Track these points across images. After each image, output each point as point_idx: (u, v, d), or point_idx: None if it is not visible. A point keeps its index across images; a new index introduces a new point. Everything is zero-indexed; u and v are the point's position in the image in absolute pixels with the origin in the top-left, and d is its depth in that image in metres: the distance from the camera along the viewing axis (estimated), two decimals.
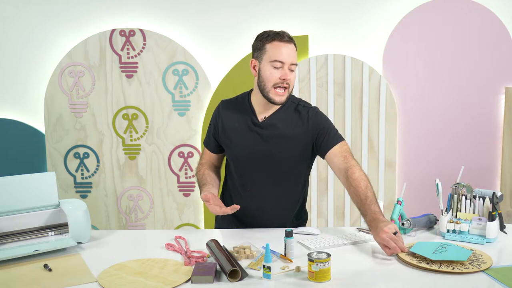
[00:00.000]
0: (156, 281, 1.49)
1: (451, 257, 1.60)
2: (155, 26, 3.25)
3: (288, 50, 1.85)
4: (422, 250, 1.65)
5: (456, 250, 1.66)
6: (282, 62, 1.84)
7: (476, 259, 1.62)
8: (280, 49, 1.84)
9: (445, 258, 1.59)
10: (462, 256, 1.60)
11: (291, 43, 1.87)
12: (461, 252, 1.64)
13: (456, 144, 3.30)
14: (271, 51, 1.85)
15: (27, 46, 3.28)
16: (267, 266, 1.49)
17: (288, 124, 1.93)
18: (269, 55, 1.85)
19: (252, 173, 1.98)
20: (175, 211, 3.34)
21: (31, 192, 1.88)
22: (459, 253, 1.63)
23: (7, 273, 1.59)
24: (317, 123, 1.93)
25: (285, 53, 1.84)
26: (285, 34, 1.87)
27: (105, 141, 3.30)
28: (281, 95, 1.87)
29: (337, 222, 3.35)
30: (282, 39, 1.85)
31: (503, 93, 3.24)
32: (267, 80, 1.86)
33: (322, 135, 1.92)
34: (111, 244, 1.85)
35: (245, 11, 3.23)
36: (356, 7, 3.23)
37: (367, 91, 3.23)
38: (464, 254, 1.62)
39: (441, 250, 1.66)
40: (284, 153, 1.94)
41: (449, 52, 3.22)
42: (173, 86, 3.26)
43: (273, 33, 1.87)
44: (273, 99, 1.88)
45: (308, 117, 1.94)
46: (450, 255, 1.62)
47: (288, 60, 1.84)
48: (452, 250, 1.66)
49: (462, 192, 1.89)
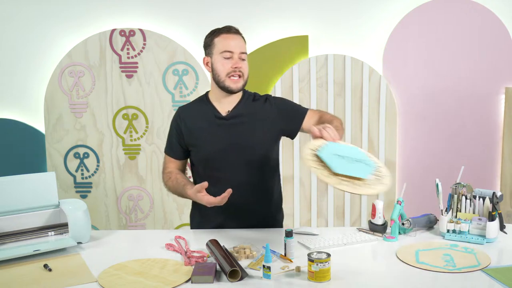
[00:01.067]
0: (156, 281, 1.49)
1: (353, 172, 1.57)
2: (155, 26, 3.25)
3: (236, 41, 1.92)
4: (330, 156, 1.62)
5: (363, 166, 1.63)
6: (231, 51, 1.91)
7: (379, 178, 1.60)
8: (228, 40, 1.91)
9: (346, 172, 1.56)
10: (362, 173, 1.59)
11: (238, 34, 1.95)
12: (365, 169, 1.62)
13: (456, 144, 3.30)
14: (219, 43, 1.92)
15: (27, 46, 3.28)
16: (267, 266, 1.49)
17: (253, 113, 1.97)
18: (218, 48, 1.92)
19: (225, 168, 1.97)
20: (175, 211, 3.34)
21: (31, 192, 1.88)
22: (362, 169, 1.61)
23: (7, 273, 1.59)
24: (279, 104, 2.03)
25: (233, 43, 1.91)
26: (232, 27, 1.96)
27: (105, 141, 3.30)
28: (236, 81, 1.93)
29: (337, 222, 3.35)
30: (229, 31, 1.93)
31: (503, 93, 3.24)
32: (220, 71, 1.92)
33: (285, 113, 2.00)
34: (111, 244, 1.85)
35: (245, 11, 3.23)
36: (356, 7, 3.23)
37: (367, 91, 3.24)
38: (366, 171, 1.60)
39: (348, 159, 1.63)
40: (256, 141, 1.96)
41: (449, 52, 3.22)
42: (173, 86, 3.26)
43: (218, 28, 1.96)
44: (229, 87, 1.93)
45: (270, 102, 2.03)
46: (353, 169, 1.59)
47: (237, 50, 1.91)
48: (359, 165, 1.63)
49: (462, 192, 1.89)
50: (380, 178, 1.63)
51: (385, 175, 1.65)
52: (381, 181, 1.61)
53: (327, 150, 1.65)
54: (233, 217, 1.99)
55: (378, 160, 1.75)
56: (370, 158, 1.71)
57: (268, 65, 3.23)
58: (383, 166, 1.70)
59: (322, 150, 1.65)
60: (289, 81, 3.24)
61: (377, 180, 1.61)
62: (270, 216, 2.09)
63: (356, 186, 1.56)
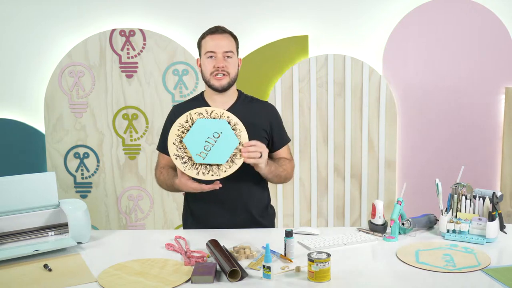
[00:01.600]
0: (156, 281, 1.49)
1: (211, 159, 1.81)
2: (155, 26, 3.25)
3: (220, 41, 1.97)
4: (193, 141, 1.82)
5: (223, 148, 1.82)
6: (213, 51, 1.96)
7: (235, 157, 1.82)
8: (212, 41, 1.98)
9: (205, 161, 1.81)
10: (221, 159, 1.81)
11: (224, 33, 2.00)
12: (224, 151, 1.82)
13: (456, 144, 3.30)
14: (204, 45, 2.00)
15: (27, 46, 3.28)
16: (267, 266, 1.49)
17: (249, 114, 1.99)
18: (204, 48, 2.00)
19: None
20: (175, 211, 3.34)
21: (31, 192, 1.88)
22: (221, 153, 1.82)
23: (7, 273, 1.59)
24: (275, 116, 2.11)
25: (216, 44, 1.97)
26: (219, 27, 2.01)
27: (105, 141, 3.30)
28: (219, 79, 1.98)
29: (337, 222, 3.35)
30: (214, 33, 1.99)
31: (503, 93, 3.24)
32: (205, 71, 2.00)
33: (276, 130, 2.08)
34: (111, 244, 1.85)
35: (245, 11, 3.23)
36: (356, 7, 3.23)
37: (367, 91, 3.24)
38: (224, 155, 1.82)
39: (210, 146, 1.82)
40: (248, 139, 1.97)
41: (449, 52, 3.22)
42: (173, 86, 3.26)
43: (207, 30, 2.02)
44: (214, 85, 1.99)
45: (267, 109, 2.10)
46: (212, 156, 1.81)
47: (220, 49, 1.96)
48: (219, 147, 1.82)
49: (462, 192, 1.89)
50: (235, 155, 1.85)
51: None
52: (234, 161, 1.84)
53: (193, 131, 1.84)
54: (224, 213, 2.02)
55: (238, 123, 1.89)
56: (235, 131, 1.87)
57: (268, 65, 3.23)
58: (242, 130, 1.88)
59: (188, 134, 1.84)
60: (289, 81, 3.24)
61: (231, 161, 1.84)
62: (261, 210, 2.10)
63: (215, 171, 1.84)
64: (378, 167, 3.30)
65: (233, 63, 1.99)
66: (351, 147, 3.29)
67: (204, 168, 1.84)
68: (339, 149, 3.30)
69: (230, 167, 1.84)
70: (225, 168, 1.84)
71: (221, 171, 1.84)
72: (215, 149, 1.83)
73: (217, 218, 2.03)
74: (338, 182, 3.33)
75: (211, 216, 2.04)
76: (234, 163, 1.84)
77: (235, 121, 1.88)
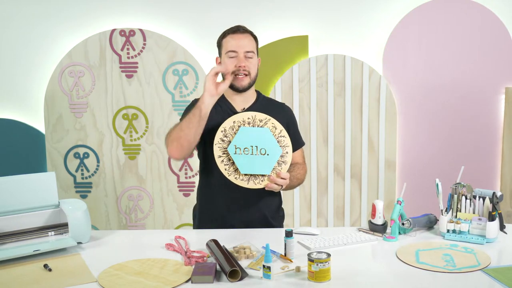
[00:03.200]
0: (156, 281, 1.49)
1: (257, 170, 1.86)
2: (155, 26, 3.25)
3: (241, 40, 1.98)
4: (238, 150, 1.87)
5: (266, 159, 1.87)
6: (235, 51, 1.97)
7: (283, 161, 1.89)
8: (233, 41, 1.98)
9: (251, 172, 1.86)
10: (265, 169, 1.87)
11: (245, 33, 2.01)
12: (268, 162, 1.87)
13: (456, 144, 3.30)
14: (225, 44, 2.00)
15: (27, 46, 3.28)
16: (267, 266, 1.49)
17: (266, 113, 1.99)
18: (225, 48, 2.00)
19: None
20: (175, 211, 3.34)
21: (31, 192, 1.88)
22: (265, 163, 1.87)
23: (7, 273, 1.59)
24: (291, 118, 2.14)
25: (237, 43, 1.97)
26: (240, 27, 2.02)
27: (105, 141, 3.30)
28: (241, 79, 1.99)
29: (337, 222, 3.35)
30: (235, 32, 2.00)
31: (503, 93, 3.24)
32: (226, 70, 1.98)
33: (292, 133, 2.06)
34: (111, 244, 1.85)
35: (245, 11, 3.23)
36: (356, 7, 3.23)
37: (367, 91, 3.24)
38: (268, 165, 1.87)
39: (254, 154, 1.87)
40: None
41: (449, 52, 3.22)
42: (173, 86, 3.26)
43: (228, 29, 2.03)
44: (235, 85, 2.00)
45: (284, 110, 2.14)
46: (256, 166, 1.87)
47: (241, 49, 1.97)
48: (262, 159, 1.87)
49: (462, 192, 1.89)
50: (282, 163, 1.92)
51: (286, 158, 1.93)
52: (276, 169, 1.91)
53: (237, 141, 1.88)
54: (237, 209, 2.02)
55: (283, 133, 1.95)
56: (278, 142, 1.92)
57: (268, 65, 3.23)
58: (288, 143, 1.94)
59: (232, 145, 1.88)
60: (289, 81, 3.24)
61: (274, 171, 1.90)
62: (273, 211, 2.10)
63: (260, 181, 1.89)
64: (378, 167, 3.30)
65: (253, 63, 2.01)
66: (351, 147, 3.29)
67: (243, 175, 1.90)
68: (339, 149, 3.30)
69: (255, 185, 1.89)
70: (259, 181, 1.90)
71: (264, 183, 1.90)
72: (259, 160, 1.88)
73: (230, 216, 2.02)
74: (338, 182, 3.33)
75: (224, 213, 2.03)
76: (260, 184, 1.90)
77: (280, 129, 1.94)
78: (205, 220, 2.10)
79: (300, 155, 2.14)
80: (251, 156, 1.87)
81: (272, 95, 3.23)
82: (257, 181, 1.89)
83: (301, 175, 2.09)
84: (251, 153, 1.88)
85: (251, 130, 1.90)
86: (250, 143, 1.88)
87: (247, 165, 1.87)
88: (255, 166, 1.87)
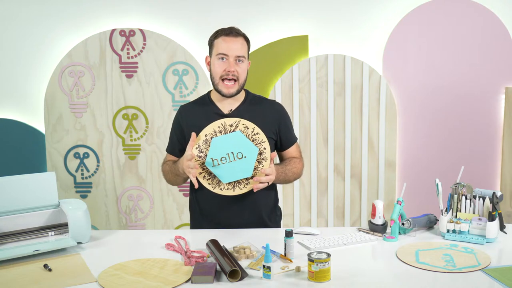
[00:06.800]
0: (156, 281, 1.49)
1: (238, 175, 1.85)
2: (155, 26, 3.25)
3: (233, 44, 1.94)
4: (215, 164, 1.86)
5: (245, 161, 1.86)
6: (226, 54, 1.93)
7: (263, 158, 1.87)
8: (225, 43, 1.94)
9: (233, 179, 1.86)
10: (246, 172, 1.85)
11: (238, 37, 1.96)
12: (247, 164, 1.86)
13: (456, 144, 3.30)
14: (217, 45, 1.96)
15: (27, 46, 3.28)
16: (267, 266, 1.49)
17: (256, 114, 1.98)
18: (216, 49, 1.96)
19: None
20: (175, 211, 3.34)
21: (31, 192, 1.88)
22: (245, 166, 1.86)
23: (7, 273, 1.59)
24: (283, 115, 2.08)
25: (229, 47, 1.93)
26: (233, 29, 1.97)
27: (105, 141, 3.30)
28: (229, 87, 1.95)
29: (337, 222, 3.35)
30: (228, 34, 1.95)
31: (503, 93, 3.24)
32: (215, 73, 1.96)
33: (283, 130, 2.06)
34: (111, 244, 1.85)
35: (245, 11, 3.23)
36: (356, 7, 3.23)
37: (367, 91, 3.24)
38: (248, 168, 1.85)
39: (232, 160, 1.86)
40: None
41: (449, 52, 3.22)
42: (173, 86, 3.26)
43: (221, 29, 1.98)
44: (222, 91, 1.97)
45: (275, 107, 2.08)
46: (237, 172, 1.85)
47: (232, 53, 1.93)
48: (241, 163, 1.86)
49: (462, 192, 1.89)
50: (262, 160, 1.90)
51: (265, 154, 1.90)
52: (259, 168, 1.89)
53: (212, 153, 1.87)
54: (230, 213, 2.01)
55: (257, 131, 1.92)
56: (253, 141, 1.90)
57: (268, 65, 3.23)
58: (263, 140, 1.91)
59: (208, 159, 1.87)
60: (289, 81, 3.24)
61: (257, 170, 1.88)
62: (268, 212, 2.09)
63: (245, 185, 1.89)
64: (378, 167, 3.30)
65: (243, 67, 1.97)
66: (351, 147, 3.30)
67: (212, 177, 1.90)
68: (339, 149, 3.30)
69: (241, 190, 1.90)
70: (244, 185, 1.91)
71: (228, 190, 1.91)
72: (238, 165, 1.87)
73: (226, 216, 2.01)
74: (338, 182, 3.33)
75: (220, 214, 2.02)
76: (245, 187, 1.90)
77: (252, 127, 1.91)
78: (199, 223, 2.09)
79: (295, 150, 2.11)
80: (230, 164, 1.86)
81: (272, 95, 3.23)
82: (242, 186, 1.89)
83: (297, 169, 2.06)
84: (229, 160, 1.87)
85: (223, 138, 1.88)
86: (226, 151, 1.87)
87: (228, 174, 1.86)
88: (236, 172, 1.86)
